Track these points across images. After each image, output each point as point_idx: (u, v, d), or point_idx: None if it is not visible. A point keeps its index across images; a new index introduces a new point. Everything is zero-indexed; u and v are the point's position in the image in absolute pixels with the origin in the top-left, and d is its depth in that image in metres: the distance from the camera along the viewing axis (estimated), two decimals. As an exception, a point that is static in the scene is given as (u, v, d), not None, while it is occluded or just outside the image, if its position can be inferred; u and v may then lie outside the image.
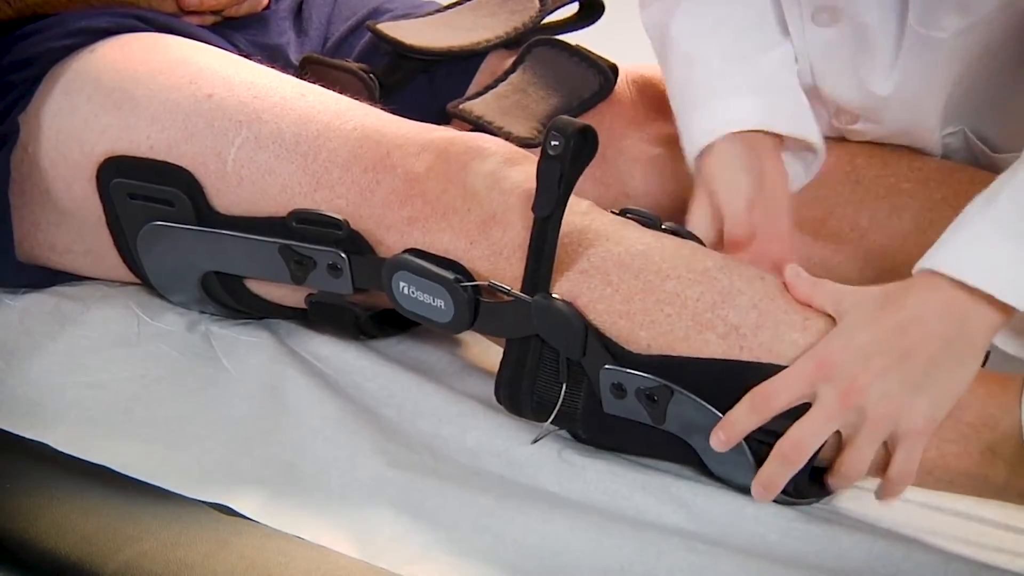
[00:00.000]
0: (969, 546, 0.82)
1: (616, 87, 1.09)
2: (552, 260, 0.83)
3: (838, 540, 0.80)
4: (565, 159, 0.81)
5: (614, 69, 1.10)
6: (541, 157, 0.82)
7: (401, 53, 1.09)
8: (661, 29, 1.00)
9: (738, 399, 0.80)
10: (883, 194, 1.02)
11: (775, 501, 0.82)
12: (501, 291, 0.85)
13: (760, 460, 0.81)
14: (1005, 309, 0.77)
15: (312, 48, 1.13)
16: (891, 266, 1.00)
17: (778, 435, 0.80)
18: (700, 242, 0.89)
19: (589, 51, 1.10)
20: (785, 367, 0.79)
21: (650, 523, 0.82)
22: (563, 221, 0.83)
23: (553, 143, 0.81)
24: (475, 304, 0.86)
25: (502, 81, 1.06)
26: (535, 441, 0.89)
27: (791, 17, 0.98)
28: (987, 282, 0.76)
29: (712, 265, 0.83)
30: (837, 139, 1.07)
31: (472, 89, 1.11)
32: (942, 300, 0.77)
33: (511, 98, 1.04)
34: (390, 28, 1.11)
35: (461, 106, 1.05)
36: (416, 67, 1.10)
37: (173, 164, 0.93)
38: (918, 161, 1.04)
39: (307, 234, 0.91)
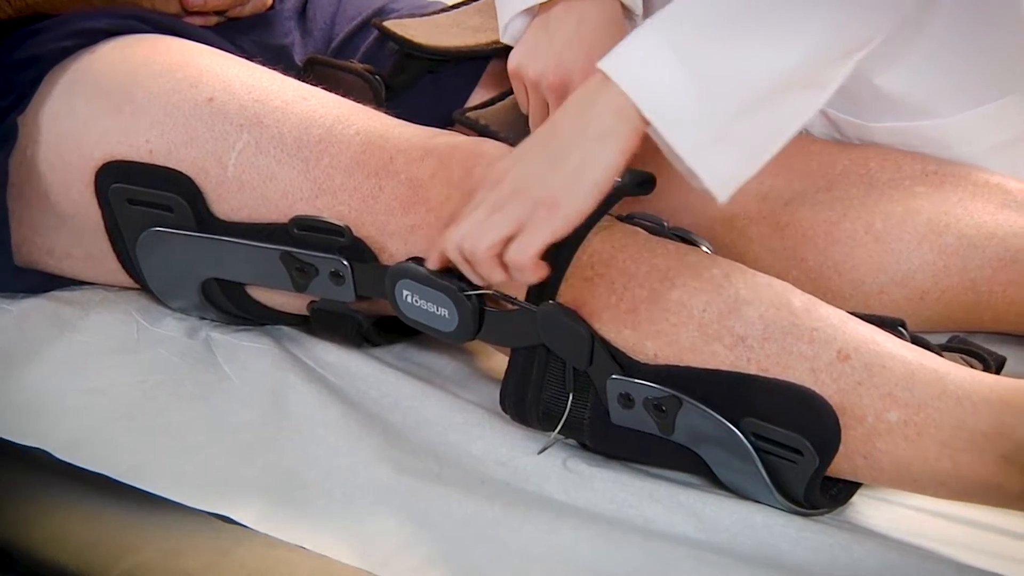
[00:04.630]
0: (983, 556, 0.82)
1: None
2: (564, 271, 0.85)
3: (850, 550, 0.81)
4: (618, 191, 0.85)
5: None
6: None
7: (407, 52, 1.11)
8: None
9: (747, 410, 0.82)
10: (897, 197, 1.03)
11: (786, 511, 0.84)
12: (506, 300, 0.86)
13: (770, 469, 0.82)
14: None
15: (316, 49, 1.14)
16: (906, 270, 1.01)
17: (782, 445, 0.81)
18: (709, 247, 0.90)
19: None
20: (792, 383, 0.81)
21: (658, 532, 0.83)
22: None
23: (615, 179, 0.84)
24: (480, 313, 0.87)
25: (510, 93, 1.07)
26: (542, 451, 0.90)
27: None
28: (610, 65, 0.81)
29: (718, 273, 0.85)
30: (850, 142, 1.09)
31: (477, 91, 1.12)
32: (582, 88, 0.83)
33: (518, 111, 1.05)
34: (397, 26, 1.12)
35: (468, 114, 1.06)
36: (422, 67, 1.11)
37: (173, 169, 0.95)
38: (932, 164, 1.05)
39: (309, 241, 0.92)
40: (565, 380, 0.87)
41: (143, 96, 0.97)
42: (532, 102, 1.03)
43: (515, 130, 1.04)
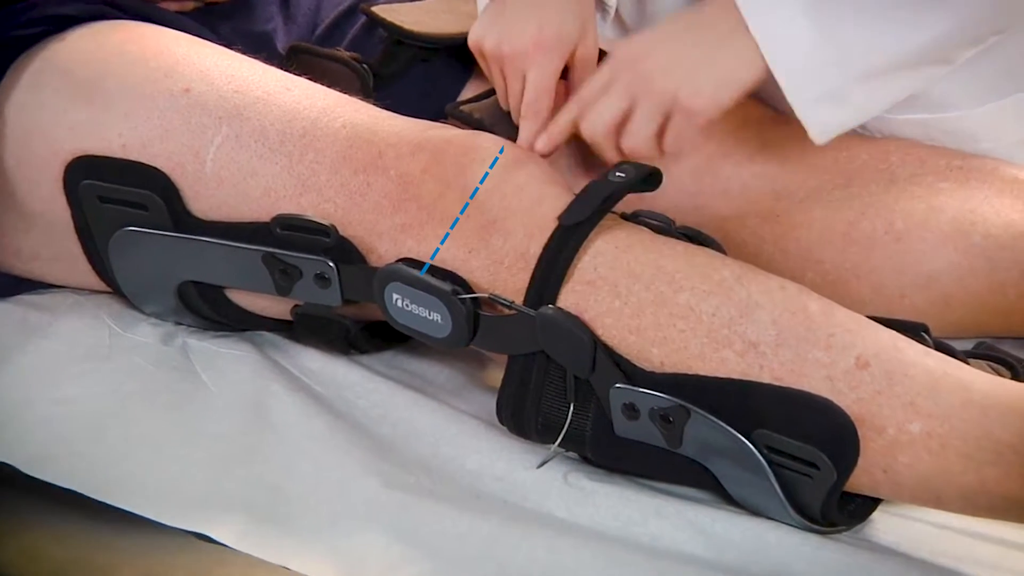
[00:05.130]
0: (1012, 577, 0.82)
1: None
2: (565, 273, 0.84)
3: (870, 570, 0.80)
4: (621, 187, 0.85)
5: None
6: (597, 179, 0.87)
7: (398, 40, 1.10)
8: None
9: (759, 421, 0.80)
10: (920, 194, 1.03)
11: (801, 528, 0.82)
12: (503, 304, 0.85)
13: (784, 484, 0.81)
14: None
15: (300, 36, 1.13)
16: (929, 272, 1.01)
17: (797, 458, 0.80)
18: (720, 247, 0.89)
19: (600, 54, 1.08)
20: (807, 392, 0.79)
21: (665, 551, 0.82)
22: None
23: (618, 174, 0.86)
24: (474, 318, 0.86)
25: None
26: (541, 465, 0.89)
27: None
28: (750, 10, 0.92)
29: (729, 275, 0.84)
30: (869, 135, 1.08)
31: (472, 82, 1.11)
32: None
33: None
34: (386, 11, 1.11)
35: (461, 107, 1.05)
36: (413, 56, 1.11)
37: (147, 165, 0.94)
38: (957, 159, 1.05)
39: (292, 241, 0.91)
40: (566, 389, 0.86)
41: (115, 87, 0.96)
42: (496, 79, 1.04)
43: (512, 125, 1.03)
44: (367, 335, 0.98)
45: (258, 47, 1.06)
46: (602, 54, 1.04)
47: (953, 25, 0.91)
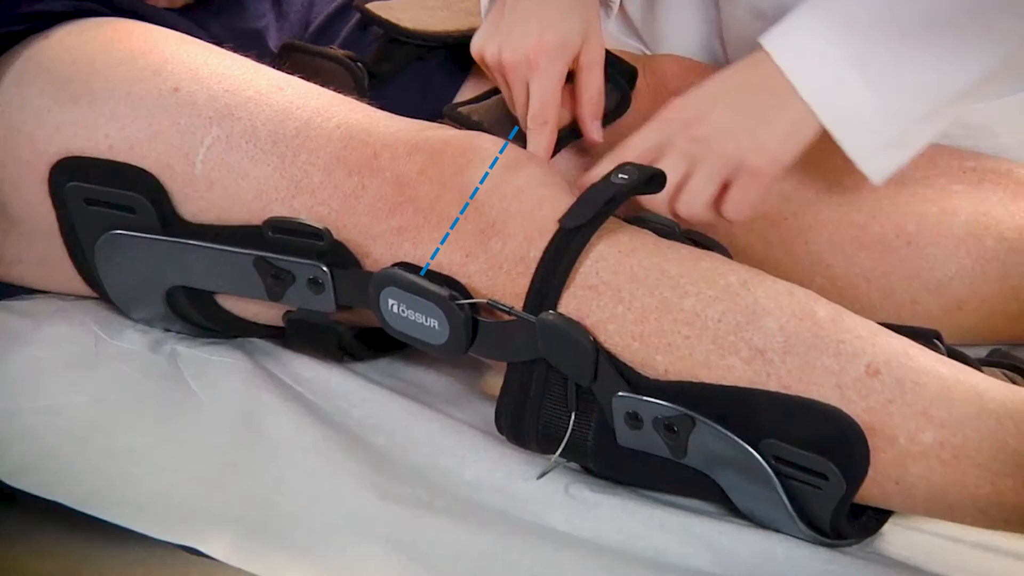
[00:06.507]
0: (1028, 591, 0.82)
1: (638, 85, 1.10)
2: (566, 277, 0.84)
3: None
4: (624, 189, 0.85)
5: (633, 73, 1.10)
6: (599, 181, 0.87)
7: (392, 38, 1.10)
8: None
9: (766, 431, 0.81)
10: (932, 196, 1.03)
11: (810, 541, 0.83)
12: (502, 310, 0.86)
13: (792, 495, 0.81)
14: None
15: (293, 33, 1.13)
16: (941, 276, 1.01)
17: (805, 469, 0.80)
18: (726, 252, 0.89)
19: (608, 57, 1.07)
20: (816, 400, 0.80)
21: (670, 566, 0.82)
22: None
23: (621, 176, 0.87)
24: (473, 324, 0.86)
25: None
26: (541, 476, 0.89)
27: None
28: (795, 78, 0.93)
29: (735, 280, 0.84)
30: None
31: (470, 81, 1.11)
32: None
33: None
34: (380, 8, 1.11)
35: (459, 109, 1.05)
36: (410, 54, 1.11)
37: (135, 166, 0.94)
38: (971, 160, 1.05)
39: (285, 245, 0.91)
40: (567, 398, 0.86)
41: (101, 86, 0.96)
42: (503, 88, 1.03)
43: (511, 128, 1.03)
44: (362, 342, 0.98)
45: (249, 45, 1.06)
46: (608, 54, 1.04)
47: (1002, 55, 0.91)
